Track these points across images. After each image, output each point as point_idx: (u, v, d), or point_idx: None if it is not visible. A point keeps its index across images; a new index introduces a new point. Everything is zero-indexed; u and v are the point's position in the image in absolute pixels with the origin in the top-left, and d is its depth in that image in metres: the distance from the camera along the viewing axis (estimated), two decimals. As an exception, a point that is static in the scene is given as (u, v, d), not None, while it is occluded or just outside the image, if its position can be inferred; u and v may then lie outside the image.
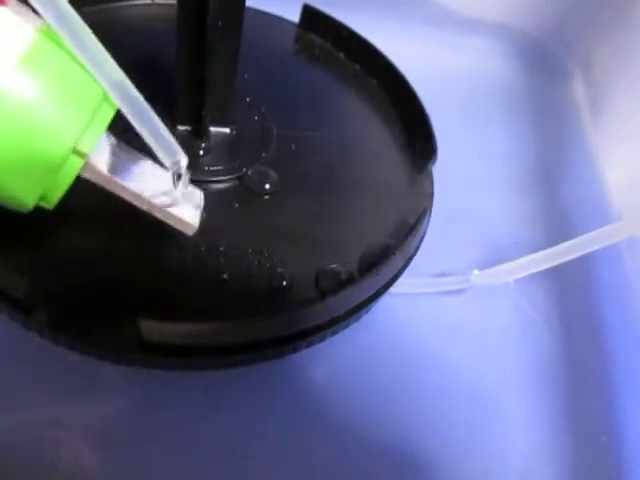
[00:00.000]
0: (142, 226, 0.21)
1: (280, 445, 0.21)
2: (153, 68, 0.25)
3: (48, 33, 0.15)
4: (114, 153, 0.17)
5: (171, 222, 0.19)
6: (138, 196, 0.18)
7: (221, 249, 0.21)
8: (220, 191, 0.23)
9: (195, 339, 0.18)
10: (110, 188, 0.18)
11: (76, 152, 0.16)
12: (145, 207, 0.18)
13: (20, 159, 0.15)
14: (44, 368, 0.20)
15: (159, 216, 0.18)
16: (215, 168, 0.23)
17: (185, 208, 0.19)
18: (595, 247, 0.22)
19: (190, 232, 0.19)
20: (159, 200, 0.18)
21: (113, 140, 0.17)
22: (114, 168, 0.17)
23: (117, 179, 0.17)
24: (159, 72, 0.24)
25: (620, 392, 0.24)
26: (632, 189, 0.31)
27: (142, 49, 0.25)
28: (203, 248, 0.21)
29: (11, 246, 0.20)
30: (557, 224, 0.30)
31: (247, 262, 0.21)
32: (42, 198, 0.17)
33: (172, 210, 0.18)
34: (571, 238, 0.22)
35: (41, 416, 0.20)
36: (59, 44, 0.15)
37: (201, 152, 0.23)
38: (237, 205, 0.23)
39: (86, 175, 0.17)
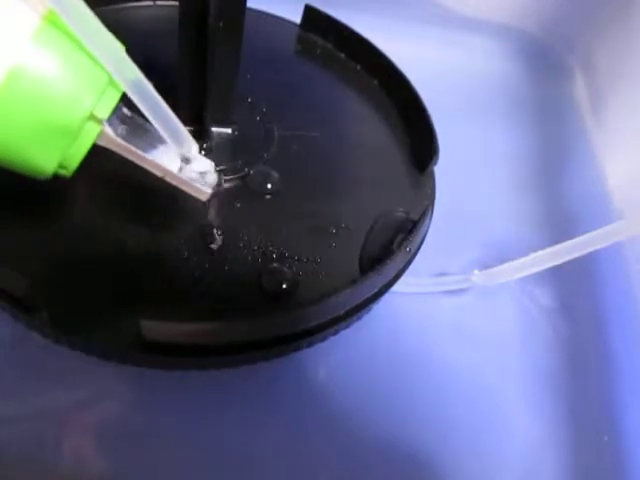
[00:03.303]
0: (143, 226, 0.21)
1: (282, 444, 0.21)
2: (155, 69, 0.24)
3: (51, 19, 0.16)
4: (128, 123, 0.18)
5: (184, 188, 0.20)
6: (152, 162, 0.19)
7: (223, 249, 0.21)
8: (222, 191, 0.23)
9: (196, 339, 0.18)
10: (126, 156, 0.18)
11: (92, 118, 0.17)
12: (160, 174, 0.19)
13: (40, 126, 0.16)
14: (46, 367, 0.20)
15: (173, 182, 0.19)
16: (217, 168, 0.23)
17: (197, 175, 0.20)
18: (597, 246, 0.22)
19: (203, 198, 0.20)
20: (172, 167, 0.19)
21: (127, 112, 0.18)
22: (129, 136, 0.18)
23: (132, 147, 0.18)
24: (161, 73, 0.24)
25: (622, 391, 0.24)
26: (634, 188, 0.31)
27: (144, 50, 0.25)
28: (205, 248, 0.21)
29: (13, 246, 0.20)
30: (559, 223, 0.30)
31: (249, 262, 0.21)
32: (61, 166, 0.17)
33: (185, 177, 0.19)
34: (573, 237, 0.22)
35: (42, 414, 0.20)
36: (62, 29, 0.16)
37: (203, 152, 0.23)
38: (239, 205, 0.23)
39: (103, 143, 0.18)
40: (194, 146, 0.19)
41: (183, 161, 0.19)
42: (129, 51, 0.17)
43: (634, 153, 0.32)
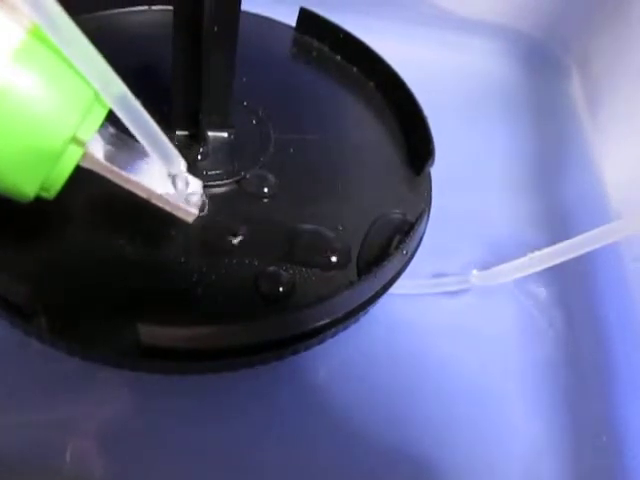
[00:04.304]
0: (140, 232, 0.21)
1: (281, 446, 0.21)
2: (150, 73, 0.25)
3: (36, 33, 0.16)
4: (113, 143, 0.18)
5: (170, 209, 0.19)
6: (137, 184, 0.18)
7: (220, 253, 0.21)
8: (219, 195, 0.23)
9: (194, 343, 0.18)
10: (109, 177, 0.18)
11: (75, 141, 0.16)
12: (145, 195, 0.18)
13: (21, 149, 0.16)
14: (44, 373, 0.20)
15: (159, 204, 0.19)
16: (214, 172, 0.23)
17: (184, 196, 0.19)
18: (595, 246, 0.22)
19: (190, 219, 0.20)
20: (158, 188, 0.18)
21: (112, 130, 0.18)
22: (113, 157, 0.18)
23: (116, 168, 0.18)
24: (157, 77, 0.24)
25: (621, 391, 0.24)
26: (631, 187, 0.31)
27: (139, 55, 0.25)
28: (203, 252, 0.21)
29: (11, 253, 0.20)
30: (556, 223, 0.30)
31: (246, 265, 0.21)
32: (43, 188, 0.17)
33: (171, 198, 0.19)
34: (570, 237, 0.22)
35: (41, 420, 0.20)
36: (48, 43, 0.16)
37: (199, 157, 0.23)
38: (236, 209, 0.23)
39: (86, 165, 0.17)
40: (182, 163, 0.18)
41: (171, 179, 0.19)
42: (125, 57, 0.17)
43: (631, 152, 0.32)
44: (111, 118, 0.17)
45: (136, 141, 0.18)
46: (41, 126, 0.16)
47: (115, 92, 0.16)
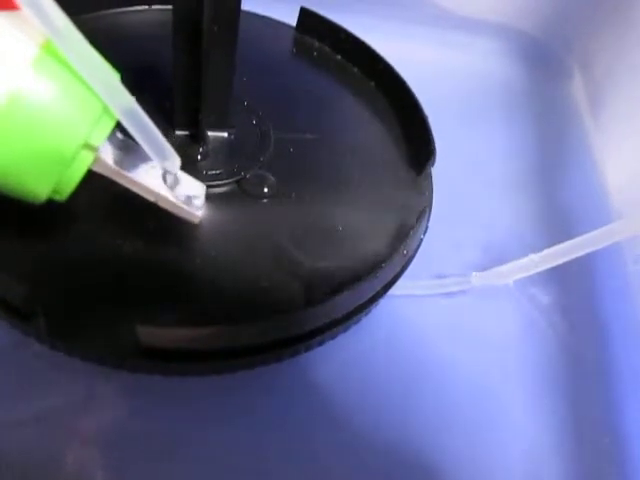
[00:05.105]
0: (140, 234, 0.21)
1: (282, 447, 0.21)
2: (150, 73, 0.25)
3: (49, 48, 0.16)
4: (122, 148, 0.19)
5: (176, 212, 0.20)
6: (144, 187, 0.19)
7: (220, 253, 0.21)
8: (218, 195, 0.23)
9: (194, 344, 0.18)
10: (118, 181, 0.19)
11: (87, 146, 0.17)
12: (152, 198, 0.19)
13: (35, 153, 0.16)
14: (43, 373, 0.20)
15: (165, 206, 0.20)
16: (213, 172, 0.23)
17: (189, 199, 0.20)
18: (596, 247, 0.22)
19: (195, 220, 0.20)
20: (164, 192, 0.19)
21: (121, 136, 0.19)
22: (122, 162, 0.18)
23: (125, 172, 0.18)
24: (157, 77, 0.24)
25: (622, 392, 0.24)
26: (632, 188, 0.31)
27: (139, 54, 0.25)
28: (202, 253, 0.21)
29: (10, 253, 0.20)
30: (557, 224, 0.30)
31: (246, 266, 0.21)
32: (55, 191, 0.18)
33: (176, 201, 0.20)
34: (572, 238, 0.22)
35: (39, 421, 0.20)
36: (59, 57, 0.16)
37: (199, 157, 0.23)
38: (235, 209, 0.23)
39: (97, 169, 0.18)
40: (176, 161, 0.19)
41: (169, 178, 0.19)
42: (125, 56, 0.17)
43: (633, 153, 0.32)
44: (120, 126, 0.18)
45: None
46: (56, 132, 0.16)
47: (123, 105, 0.17)
